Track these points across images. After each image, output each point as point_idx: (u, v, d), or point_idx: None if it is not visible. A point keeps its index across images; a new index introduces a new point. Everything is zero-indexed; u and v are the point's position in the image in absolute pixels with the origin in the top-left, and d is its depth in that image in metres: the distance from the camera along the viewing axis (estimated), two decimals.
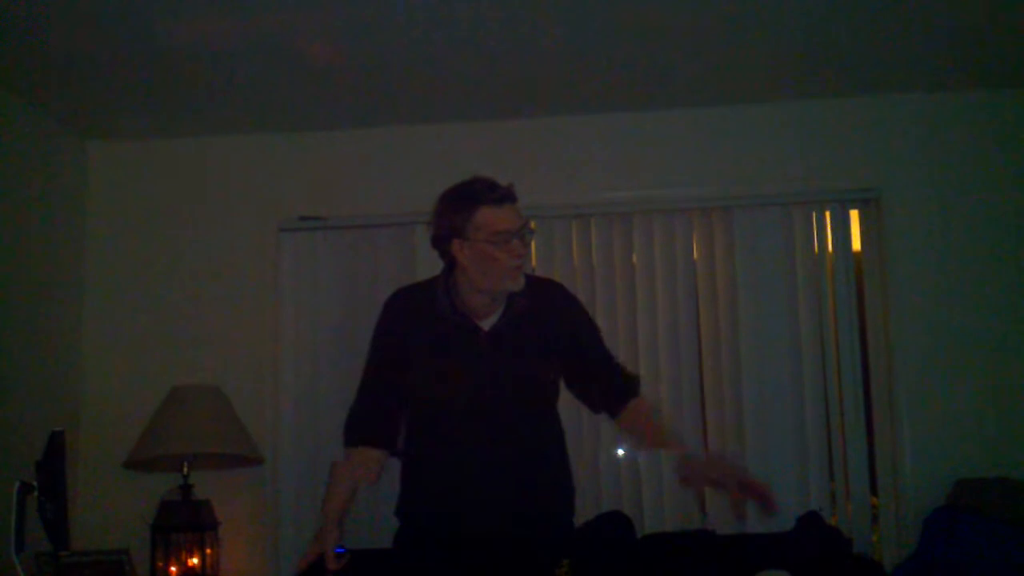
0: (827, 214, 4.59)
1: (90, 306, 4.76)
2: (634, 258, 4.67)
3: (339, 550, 2.98)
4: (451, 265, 3.06)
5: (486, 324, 3.06)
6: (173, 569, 4.20)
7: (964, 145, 4.53)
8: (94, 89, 4.31)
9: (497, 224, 2.96)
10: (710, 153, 4.66)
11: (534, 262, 4.61)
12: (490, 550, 2.98)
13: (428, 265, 3.38)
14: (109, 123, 4.68)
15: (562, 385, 3.18)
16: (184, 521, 4.23)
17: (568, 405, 3.22)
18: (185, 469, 4.27)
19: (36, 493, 3.11)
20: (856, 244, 4.62)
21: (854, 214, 4.62)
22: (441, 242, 3.04)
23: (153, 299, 4.75)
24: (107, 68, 4.09)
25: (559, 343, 3.11)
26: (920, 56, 4.20)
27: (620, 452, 4.53)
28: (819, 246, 4.58)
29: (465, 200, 2.99)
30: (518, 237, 3.00)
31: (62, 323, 4.64)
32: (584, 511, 4.28)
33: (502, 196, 2.99)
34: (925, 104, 4.55)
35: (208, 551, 4.24)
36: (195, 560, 4.21)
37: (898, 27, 3.93)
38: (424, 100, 4.51)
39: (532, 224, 3.08)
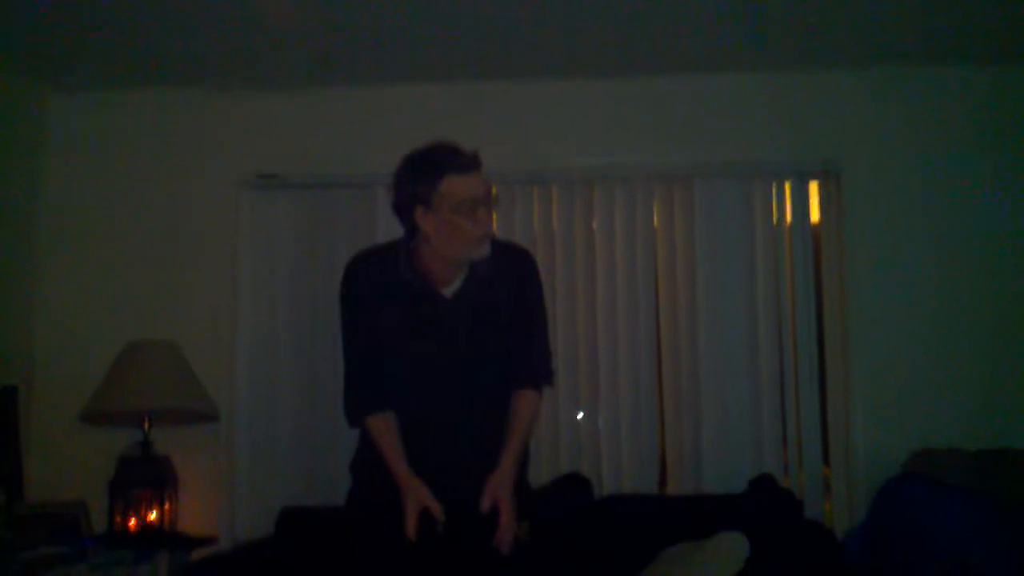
0: (787, 185, 4.63)
1: (45, 259, 4.70)
2: (594, 225, 4.69)
3: None
4: (412, 231, 3.03)
5: (448, 291, 3.05)
6: (132, 523, 4.20)
7: (923, 120, 4.57)
8: (55, 38, 4.23)
9: (463, 192, 2.93)
10: (672, 122, 4.68)
11: (495, 228, 4.60)
12: (447, 511, 2.99)
13: (388, 227, 3.36)
14: (70, 73, 4.61)
15: None
16: (144, 478, 4.21)
17: None
18: (146, 425, 4.25)
19: None
20: (815, 216, 4.66)
21: (813, 186, 4.66)
22: (403, 209, 3.00)
23: (109, 252, 4.72)
24: (69, 17, 4.02)
25: (508, 309, 3.10)
26: (881, 31, 4.23)
27: (579, 415, 4.58)
28: (778, 217, 4.61)
29: (430, 168, 2.95)
30: (484, 205, 2.98)
31: (15, 276, 4.59)
32: (543, 473, 4.33)
33: (468, 164, 2.95)
34: (886, 78, 4.59)
35: (167, 506, 4.24)
36: (153, 515, 4.21)
37: (860, 1, 3.96)
38: (386, 61, 4.48)
39: (494, 191, 3.07)
